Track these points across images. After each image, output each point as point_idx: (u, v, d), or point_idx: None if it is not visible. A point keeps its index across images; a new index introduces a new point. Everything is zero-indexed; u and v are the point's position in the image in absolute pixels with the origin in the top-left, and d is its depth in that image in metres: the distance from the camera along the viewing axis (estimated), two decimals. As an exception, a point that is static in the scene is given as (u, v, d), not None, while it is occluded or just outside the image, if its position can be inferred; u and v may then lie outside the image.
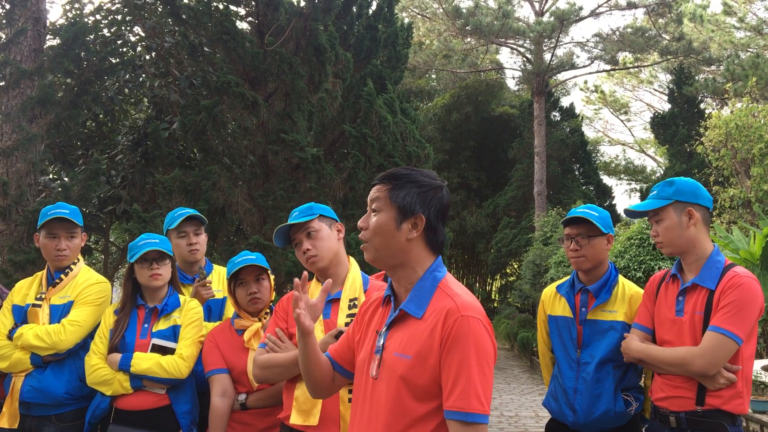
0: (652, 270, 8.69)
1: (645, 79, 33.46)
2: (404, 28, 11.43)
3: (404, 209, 1.88)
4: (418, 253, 1.91)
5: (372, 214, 1.93)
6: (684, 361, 2.61)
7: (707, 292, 2.65)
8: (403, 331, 1.87)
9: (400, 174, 1.94)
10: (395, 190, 1.90)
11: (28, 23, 7.91)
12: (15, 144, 7.39)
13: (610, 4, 24.20)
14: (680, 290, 2.75)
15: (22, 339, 3.15)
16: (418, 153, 9.35)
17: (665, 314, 2.77)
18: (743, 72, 19.35)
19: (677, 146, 22.97)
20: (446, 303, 1.82)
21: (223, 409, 2.96)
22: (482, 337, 1.77)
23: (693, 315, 2.67)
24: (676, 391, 2.68)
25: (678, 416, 2.66)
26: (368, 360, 1.95)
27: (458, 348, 1.75)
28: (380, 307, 2.04)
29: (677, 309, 2.72)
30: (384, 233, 1.89)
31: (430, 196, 1.92)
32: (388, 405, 1.83)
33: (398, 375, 1.82)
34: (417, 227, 1.89)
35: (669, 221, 2.74)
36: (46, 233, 3.34)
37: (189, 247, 3.56)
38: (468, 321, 1.77)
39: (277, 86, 8.84)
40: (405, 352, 1.82)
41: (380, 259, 1.92)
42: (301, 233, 2.76)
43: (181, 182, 7.96)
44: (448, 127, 25.06)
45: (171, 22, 9.76)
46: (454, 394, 1.73)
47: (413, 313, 1.86)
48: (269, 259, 7.63)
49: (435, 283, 1.89)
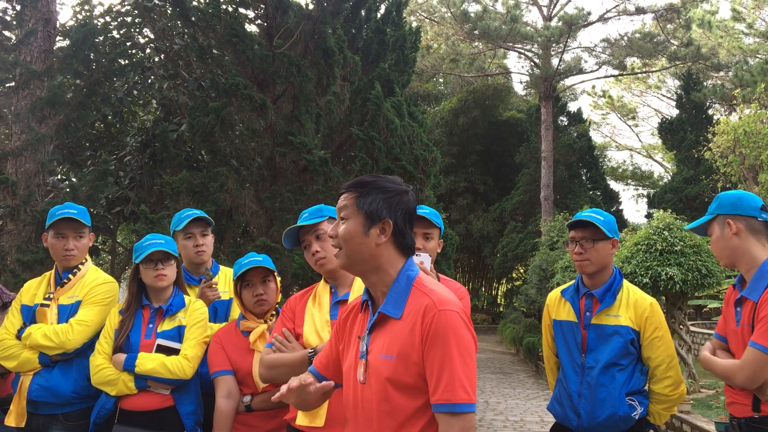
0: (659, 276, 8.65)
1: (653, 84, 33.40)
2: (412, 32, 11.45)
3: (371, 215, 1.93)
4: (388, 257, 1.95)
5: (341, 222, 1.97)
6: (728, 374, 2.69)
7: (753, 304, 2.67)
8: (384, 333, 1.91)
9: (365, 181, 1.99)
10: (361, 197, 1.95)
11: (38, 24, 7.96)
12: (24, 144, 7.43)
13: (619, 9, 24.18)
14: (736, 300, 2.80)
15: (31, 339, 3.16)
16: (425, 156, 9.36)
17: (729, 324, 2.83)
18: (752, 78, 19.29)
19: (685, 152, 22.91)
20: (423, 300, 1.86)
21: (228, 410, 2.96)
22: (461, 329, 1.83)
23: (744, 327, 2.71)
24: (735, 397, 2.75)
25: (739, 422, 2.74)
26: (354, 366, 1.99)
27: (439, 342, 1.80)
28: (359, 314, 2.08)
29: (736, 319, 2.77)
30: (353, 240, 1.93)
31: (396, 201, 1.96)
32: (378, 407, 1.87)
33: (384, 376, 1.86)
34: (385, 232, 1.93)
35: (714, 235, 2.83)
36: (55, 233, 3.36)
37: (196, 248, 3.57)
38: (446, 315, 1.82)
39: (286, 89, 8.86)
40: (388, 353, 1.87)
41: (352, 265, 1.97)
42: (310, 235, 2.77)
43: (189, 184, 7.98)
44: (455, 131, 25.08)
45: (180, 24, 9.81)
46: (440, 387, 1.78)
47: (392, 314, 1.91)
48: (276, 261, 7.64)
49: (410, 282, 1.94)
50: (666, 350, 2.98)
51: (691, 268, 8.67)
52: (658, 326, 2.99)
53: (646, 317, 2.99)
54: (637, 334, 2.99)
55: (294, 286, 8.31)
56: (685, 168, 22.86)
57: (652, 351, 2.99)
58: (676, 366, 3.01)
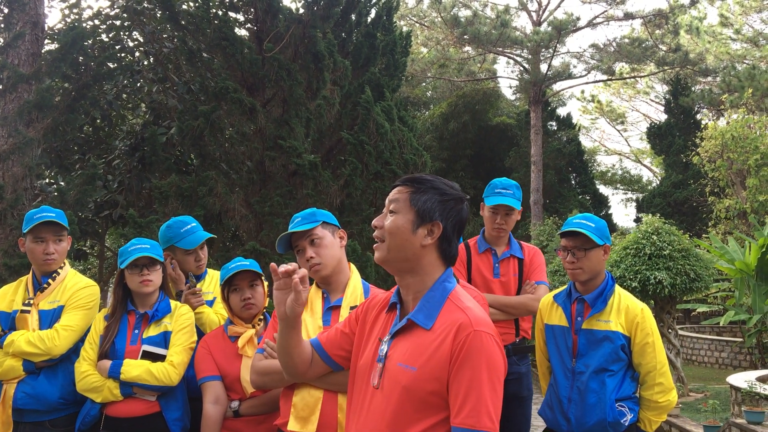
0: (647, 280, 8.69)
1: (641, 89, 33.60)
2: (402, 36, 11.46)
3: (423, 214, 1.85)
4: (429, 261, 1.87)
5: (389, 214, 1.89)
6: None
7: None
8: (409, 341, 1.83)
9: (423, 179, 1.91)
10: (417, 193, 1.87)
11: (26, 27, 7.92)
12: (11, 148, 7.37)
13: (607, 14, 24.34)
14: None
15: (14, 346, 3.10)
16: (416, 161, 9.35)
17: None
18: (739, 83, 19.45)
19: (673, 156, 23.05)
20: (458, 316, 1.78)
21: (215, 416, 2.93)
22: (494, 354, 1.74)
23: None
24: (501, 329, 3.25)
25: (507, 347, 3.22)
26: (369, 367, 1.91)
27: (470, 363, 1.71)
28: (384, 313, 2.00)
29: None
30: (398, 234, 1.85)
31: (451, 206, 1.89)
32: (388, 416, 1.79)
33: (401, 386, 1.78)
34: (433, 234, 1.86)
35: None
36: (33, 237, 3.27)
37: (197, 263, 3.56)
38: (480, 336, 1.73)
39: (275, 92, 8.84)
40: (410, 364, 1.78)
41: (391, 260, 1.89)
42: (304, 240, 2.73)
43: (178, 187, 7.95)
44: (446, 135, 25.11)
45: (170, 27, 9.76)
46: (465, 410, 1.70)
47: (422, 323, 1.82)
48: (266, 265, 7.62)
49: (445, 294, 1.85)
50: (657, 356, 2.97)
51: (679, 272, 8.72)
52: (649, 332, 2.98)
53: (637, 323, 2.98)
54: (627, 339, 2.99)
55: (284, 291, 8.27)
56: (673, 172, 22.99)
57: (642, 357, 2.98)
58: (667, 373, 2.99)
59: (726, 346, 13.66)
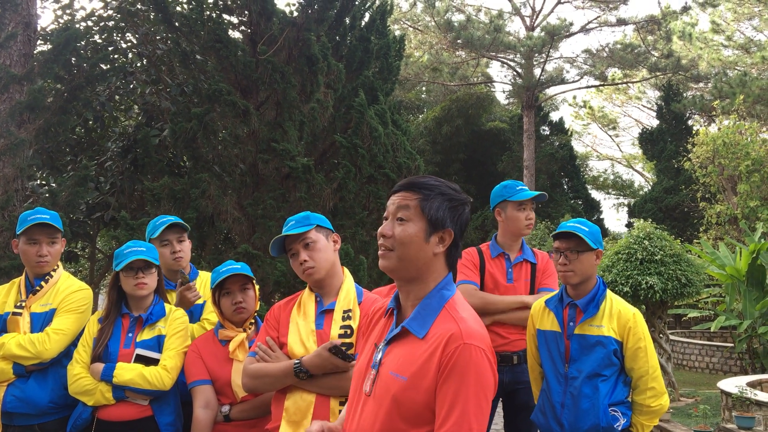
0: (639, 285, 8.71)
1: (634, 95, 33.78)
2: (396, 40, 11.48)
3: (435, 222, 1.79)
4: (437, 268, 1.83)
5: (398, 222, 1.81)
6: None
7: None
8: (401, 349, 1.79)
9: (430, 184, 1.84)
10: (426, 200, 1.81)
11: (18, 28, 7.87)
12: (3, 149, 7.32)
13: (600, 20, 24.46)
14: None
15: (5, 348, 3.08)
16: (409, 164, 9.36)
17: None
18: (731, 90, 19.59)
19: (665, 162, 23.15)
20: (450, 326, 1.73)
21: (206, 420, 2.92)
22: (484, 369, 1.69)
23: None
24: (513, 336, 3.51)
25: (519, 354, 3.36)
26: (364, 373, 1.89)
27: (456, 376, 1.67)
28: (383, 318, 1.96)
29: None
30: (411, 245, 1.79)
31: (459, 211, 1.84)
32: (377, 424, 1.76)
33: (391, 395, 1.74)
34: (444, 242, 1.81)
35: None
36: (27, 239, 3.25)
37: (173, 255, 3.51)
38: (470, 350, 1.68)
39: (269, 95, 8.83)
40: (401, 373, 1.74)
41: (400, 269, 1.82)
42: (297, 244, 2.71)
43: (170, 190, 7.91)
44: (439, 139, 25.14)
45: (163, 29, 9.73)
46: (447, 424, 1.65)
47: (415, 332, 1.78)
48: (258, 268, 7.60)
49: (442, 302, 1.80)
50: (649, 361, 2.98)
51: (671, 277, 8.76)
52: (641, 337, 2.99)
53: (629, 328, 2.99)
54: (620, 344, 3.00)
55: (276, 294, 8.26)
56: (665, 178, 23.09)
57: (634, 362, 2.99)
58: (659, 377, 3.01)
59: (717, 351, 13.72)
